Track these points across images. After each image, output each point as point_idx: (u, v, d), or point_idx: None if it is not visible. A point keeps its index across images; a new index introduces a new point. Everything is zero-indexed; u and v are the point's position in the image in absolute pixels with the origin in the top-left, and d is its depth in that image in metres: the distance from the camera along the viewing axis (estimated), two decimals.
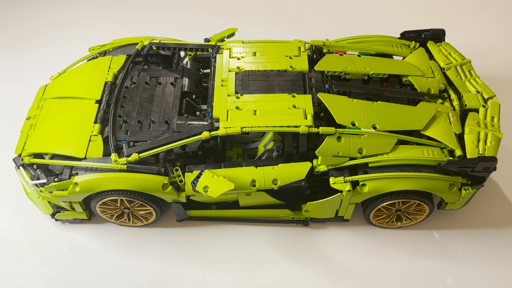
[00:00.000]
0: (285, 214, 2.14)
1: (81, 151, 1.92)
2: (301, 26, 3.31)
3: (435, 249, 2.16)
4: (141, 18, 3.41)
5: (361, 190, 1.90)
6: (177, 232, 2.22)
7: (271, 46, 2.19)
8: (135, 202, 2.00)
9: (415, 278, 2.07)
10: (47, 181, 1.90)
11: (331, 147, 1.83)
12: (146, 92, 2.11)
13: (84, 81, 2.19)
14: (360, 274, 2.08)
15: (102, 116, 2.03)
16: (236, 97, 1.93)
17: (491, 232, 2.23)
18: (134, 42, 2.39)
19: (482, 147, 1.93)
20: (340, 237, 2.20)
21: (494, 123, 2.03)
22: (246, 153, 2.19)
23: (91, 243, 2.18)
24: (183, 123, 1.96)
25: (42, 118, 2.09)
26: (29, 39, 3.24)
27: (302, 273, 2.08)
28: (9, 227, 2.24)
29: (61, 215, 2.16)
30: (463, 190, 1.93)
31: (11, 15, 3.44)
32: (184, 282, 2.06)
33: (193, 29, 3.27)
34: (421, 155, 1.87)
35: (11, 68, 3.04)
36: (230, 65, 2.08)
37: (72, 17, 3.42)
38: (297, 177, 1.88)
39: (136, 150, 1.87)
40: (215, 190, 1.79)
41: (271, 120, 1.83)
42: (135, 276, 2.07)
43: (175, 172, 1.90)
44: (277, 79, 2.01)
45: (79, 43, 2.99)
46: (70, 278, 2.07)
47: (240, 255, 2.14)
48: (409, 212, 2.11)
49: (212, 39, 2.31)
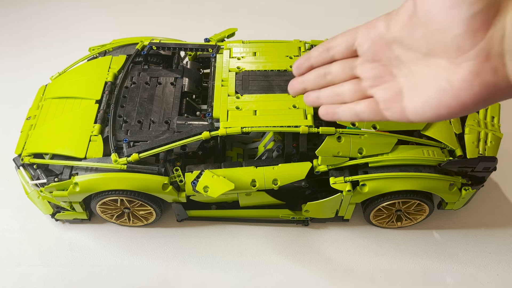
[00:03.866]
0: (285, 214, 2.14)
1: (81, 151, 1.92)
2: (301, 26, 3.31)
3: (435, 249, 2.16)
4: (141, 18, 3.41)
5: (361, 190, 1.90)
6: (177, 232, 2.22)
7: (271, 46, 2.19)
8: (135, 202, 2.00)
9: (415, 278, 2.07)
10: (47, 181, 1.90)
11: (331, 147, 1.83)
12: (146, 92, 2.11)
13: (84, 81, 2.19)
14: (360, 274, 2.08)
15: (102, 116, 2.03)
16: (236, 97, 1.93)
17: (491, 232, 2.23)
18: (134, 42, 2.39)
19: (482, 147, 1.93)
20: (340, 237, 2.20)
21: (494, 123, 2.03)
22: (246, 153, 2.19)
23: (91, 243, 2.18)
24: (183, 123, 1.96)
25: (42, 118, 2.09)
26: (29, 39, 3.24)
27: (302, 273, 2.08)
28: (9, 227, 2.24)
29: (61, 215, 2.16)
30: (463, 190, 1.93)
31: (12, 16, 3.44)
32: (184, 282, 2.06)
33: (193, 29, 3.27)
34: (421, 155, 1.87)
35: (11, 68, 3.04)
36: (230, 65, 2.08)
37: (72, 17, 3.42)
38: (297, 177, 1.88)
39: (136, 150, 1.87)
40: (215, 190, 1.79)
41: (271, 120, 1.83)
42: (135, 276, 2.07)
43: (175, 172, 1.90)
44: (277, 79, 2.01)
45: (79, 43, 2.99)
46: (70, 278, 2.07)
47: (240, 255, 2.14)
48: (409, 212, 2.11)
49: (212, 39, 2.31)
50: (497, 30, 0.77)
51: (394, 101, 0.98)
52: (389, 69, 1.01)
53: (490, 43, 0.78)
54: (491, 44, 0.78)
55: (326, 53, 1.17)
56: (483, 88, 0.80)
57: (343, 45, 1.11)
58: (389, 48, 0.97)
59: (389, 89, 1.00)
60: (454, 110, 0.86)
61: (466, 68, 0.81)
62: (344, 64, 1.14)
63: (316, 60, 1.22)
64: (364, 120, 1.09)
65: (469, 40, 0.80)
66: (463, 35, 0.80)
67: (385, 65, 1.01)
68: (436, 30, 0.84)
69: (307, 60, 1.23)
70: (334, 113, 1.20)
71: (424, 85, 0.90)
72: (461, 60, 0.82)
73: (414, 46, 0.92)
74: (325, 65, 1.19)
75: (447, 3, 0.81)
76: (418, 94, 0.91)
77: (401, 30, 0.93)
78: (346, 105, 1.14)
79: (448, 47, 0.83)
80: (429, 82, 0.88)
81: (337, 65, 1.15)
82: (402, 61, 0.96)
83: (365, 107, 1.07)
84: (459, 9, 0.79)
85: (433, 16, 0.84)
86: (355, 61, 1.10)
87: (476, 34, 0.79)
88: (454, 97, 0.83)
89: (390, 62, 0.98)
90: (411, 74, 0.93)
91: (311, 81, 1.25)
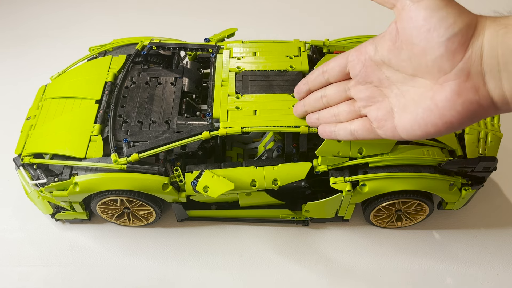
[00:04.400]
0: (285, 214, 2.14)
1: (81, 151, 1.92)
2: (301, 26, 3.31)
3: (435, 249, 2.16)
4: (141, 18, 3.41)
5: (361, 190, 1.90)
6: (177, 232, 2.22)
7: (271, 46, 2.19)
8: (135, 202, 2.00)
9: (415, 278, 2.07)
10: (47, 181, 1.90)
11: (331, 147, 1.83)
12: (146, 92, 2.11)
13: (84, 81, 2.19)
14: (360, 274, 2.08)
15: (102, 116, 2.03)
16: (236, 97, 1.93)
17: (491, 232, 2.23)
18: (134, 42, 2.39)
19: (482, 147, 1.93)
20: (340, 237, 2.20)
21: (494, 123, 2.03)
22: (246, 153, 2.19)
23: (91, 243, 2.18)
24: (183, 123, 1.96)
25: (42, 118, 2.09)
26: (30, 40, 3.24)
27: (302, 273, 2.08)
28: (9, 227, 2.24)
29: (61, 215, 2.16)
30: (463, 190, 1.93)
31: (13, 16, 3.44)
32: (184, 282, 2.06)
33: (193, 29, 3.27)
34: (421, 155, 1.87)
35: (12, 69, 3.04)
36: (230, 65, 2.08)
37: (72, 17, 3.42)
38: (297, 177, 1.88)
39: (136, 150, 1.87)
40: (215, 190, 1.79)
41: (271, 120, 1.83)
42: (135, 276, 2.07)
43: (175, 172, 1.90)
44: (277, 79, 2.01)
45: (79, 43, 2.99)
46: (70, 278, 2.07)
47: (240, 255, 2.14)
48: (409, 212, 2.11)
49: (212, 39, 2.31)
50: (475, 50, 0.80)
51: (386, 120, 1.04)
52: (380, 90, 1.06)
53: (469, 63, 0.81)
54: (470, 64, 0.81)
55: (321, 76, 1.30)
56: (466, 106, 0.83)
57: (336, 68, 1.22)
58: (379, 70, 1.02)
59: (381, 108, 1.06)
60: (441, 128, 0.90)
61: (448, 88, 0.84)
62: (338, 87, 1.23)
63: (313, 84, 1.33)
64: (359, 139, 1.19)
65: (448, 61, 0.83)
66: (442, 57, 0.84)
67: (377, 86, 1.07)
68: (418, 52, 0.88)
69: (305, 85, 1.36)
70: (331, 132, 1.34)
71: (412, 104, 0.94)
72: (443, 81, 0.85)
73: (401, 67, 0.96)
74: (322, 88, 1.30)
75: (425, 27, 0.85)
76: (407, 113, 0.96)
77: (388, 53, 0.98)
78: (342, 124, 1.25)
79: (430, 68, 0.87)
80: (416, 102, 0.92)
81: (332, 87, 1.25)
82: (392, 81, 1.00)
83: (359, 126, 1.17)
84: (437, 32, 0.83)
85: (414, 39, 0.88)
86: (349, 83, 1.20)
87: (455, 55, 0.83)
88: (439, 116, 0.87)
89: (381, 83, 1.03)
90: (401, 94, 0.97)
91: (310, 104, 1.39)
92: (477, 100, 0.80)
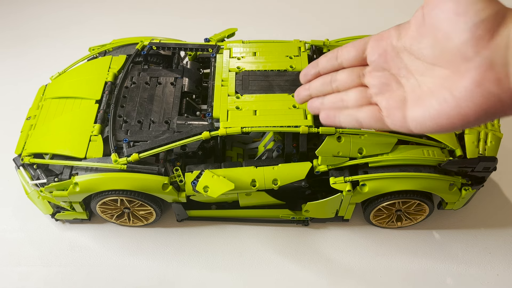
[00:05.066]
0: (285, 214, 2.14)
1: (81, 151, 1.92)
2: (301, 26, 3.31)
3: (435, 249, 2.16)
4: (141, 18, 3.41)
5: (361, 190, 1.90)
6: (177, 232, 2.22)
7: (271, 46, 2.19)
8: (135, 202, 2.00)
9: (415, 278, 2.07)
10: (47, 181, 1.90)
11: (331, 147, 1.83)
12: (146, 92, 2.11)
13: (84, 81, 2.19)
14: (360, 274, 2.08)
15: (102, 116, 2.03)
16: (236, 97, 1.93)
17: (491, 232, 2.23)
18: (134, 42, 2.39)
19: (482, 147, 1.93)
20: (340, 237, 2.20)
21: (494, 123, 2.03)
22: (246, 153, 2.19)
23: (91, 243, 2.18)
24: (183, 123, 1.96)
25: (42, 118, 2.09)
26: (30, 40, 3.25)
27: (302, 273, 2.08)
28: (9, 227, 2.24)
29: (61, 215, 2.16)
30: (463, 190, 1.93)
31: (13, 16, 3.44)
32: (184, 282, 2.06)
33: (193, 29, 3.28)
34: (421, 155, 1.87)
35: (12, 69, 3.04)
36: (230, 65, 2.08)
37: (72, 17, 3.42)
38: (297, 177, 1.88)
39: (136, 150, 1.87)
40: (215, 190, 1.79)
41: (271, 120, 1.83)
42: (135, 276, 2.07)
43: (175, 172, 1.90)
44: (277, 79, 2.01)
45: (79, 43, 2.99)
46: (70, 278, 2.07)
47: (240, 255, 2.14)
48: (409, 212, 2.11)
49: (212, 39, 2.31)
50: (502, 39, 0.76)
51: (396, 109, 0.97)
52: (396, 78, 1.00)
53: (494, 52, 0.77)
54: (495, 53, 0.77)
55: (334, 60, 1.16)
56: (485, 99, 0.78)
57: (352, 53, 1.11)
58: (398, 57, 0.97)
59: (393, 97, 0.99)
60: (455, 121, 0.84)
61: (469, 77, 0.80)
62: (351, 72, 1.13)
63: (323, 67, 1.20)
64: (365, 127, 1.10)
65: (472, 47, 0.79)
66: (467, 42, 0.79)
67: (394, 74, 1.00)
68: (441, 38, 0.84)
69: (314, 67, 1.22)
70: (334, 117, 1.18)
71: (427, 95, 0.89)
72: (465, 69, 0.81)
73: (421, 55, 0.91)
74: (332, 73, 1.18)
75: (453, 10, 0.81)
76: (420, 104, 0.91)
77: (411, 40, 0.93)
78: (348, 110, 1.13)
79: (452, 55, 0.83)
80: (432, 93, 0.88)
81: (344, 73, 1.14)
82: (410, 70, 0.96)
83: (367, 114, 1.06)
84: (465, 16, 0.79)
85: (440, 23, 0.84)
86: (364, 69, 1.09)
87: (480, 42, 0.78)
88: (455, 107, 0.82)
89: (399, 72, 0.97)
90: (417, 84, 0.93)
91: (316, 88, 1.23)
92: (498, 93, 0.76)
